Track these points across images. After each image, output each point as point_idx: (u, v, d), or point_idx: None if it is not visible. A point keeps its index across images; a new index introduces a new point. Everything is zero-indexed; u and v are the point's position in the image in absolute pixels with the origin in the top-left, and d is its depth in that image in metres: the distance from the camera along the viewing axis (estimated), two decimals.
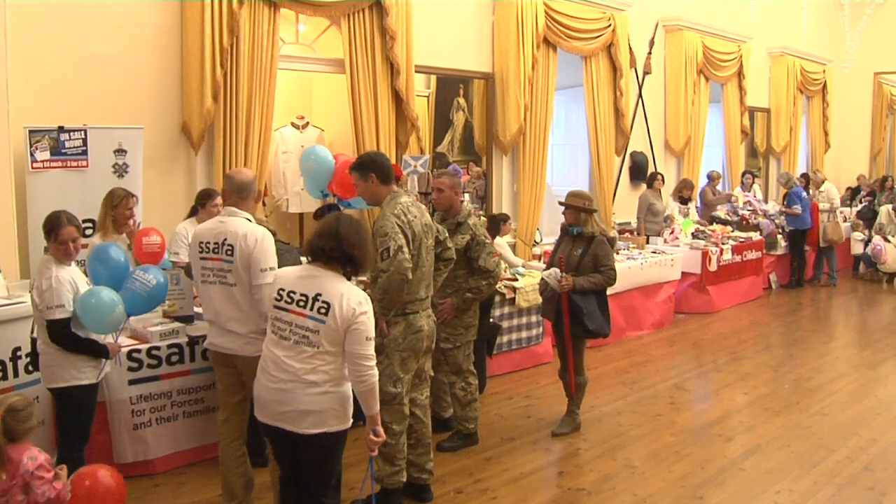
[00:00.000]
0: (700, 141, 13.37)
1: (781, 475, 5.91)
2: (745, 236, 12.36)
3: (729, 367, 8.88)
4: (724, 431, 6.83)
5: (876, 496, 5.62)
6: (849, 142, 18.64)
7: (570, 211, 6.48)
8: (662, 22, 12.58)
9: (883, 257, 13.94)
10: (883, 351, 9.79)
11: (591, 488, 5.63)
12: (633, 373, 8.43)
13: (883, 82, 18.77)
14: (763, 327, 10.80)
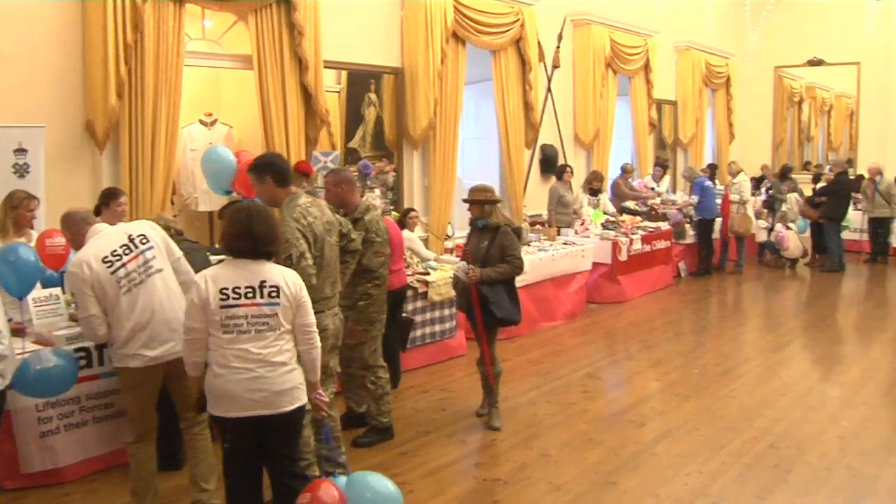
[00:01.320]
0: (609, 133, 13.55)
1: (691, 458, 6.05)
2: (654, 226, 12.60)
3: (640, 354, 9.06)
4: (637, 417, 6.95)
5: (780, 473, 5.81)
6: (752, 133, 19.13)
7: (475, 206, 6.55)
8: (570, 16, 12.72)
9: (786, 244, 14.40)
10: (787, 334, 10.11)
11: (507, 478, 5.69)
12: (546, 363, 8.52)
13: (783, 76, 19.32)
14: (673, 315, 11.04)
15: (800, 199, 14.82)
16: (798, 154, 19.74)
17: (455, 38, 10.06)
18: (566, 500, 5.37)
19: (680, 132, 16.26)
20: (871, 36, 16.72)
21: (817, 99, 19.63)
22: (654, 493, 5.47)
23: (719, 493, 5.47)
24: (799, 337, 10.09)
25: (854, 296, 13.01)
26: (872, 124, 18.10)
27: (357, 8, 9.27)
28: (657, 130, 15.55)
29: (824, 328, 10.54)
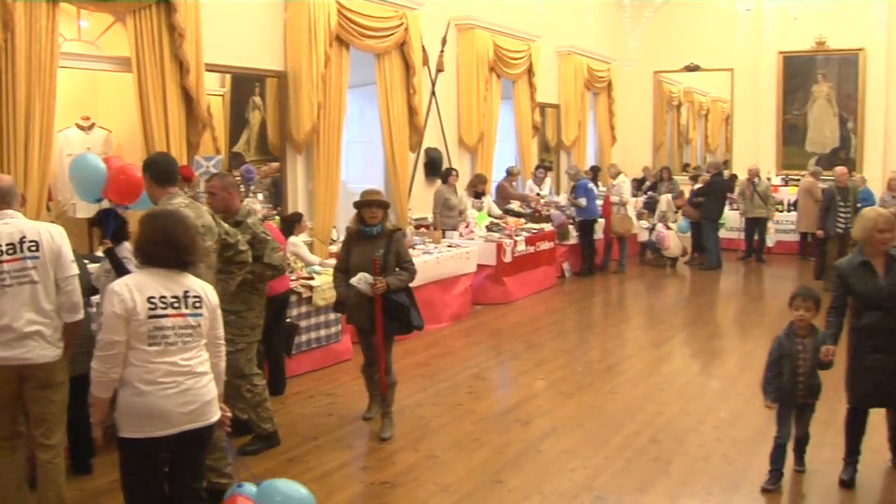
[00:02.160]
0: (493, 136, 13.66)
1: (576, 454, 6.19)
2: (537, 228, 12.79)
3: (526, 354, 9.21)
4: (522, 416, 7.07)
5: (661, 465, 6.00)
6: (633, 135, 19.58)
7: (377, 209, 6.36)
8: (454, 21, 12.80)
9: (666, 243, 14.82)
10: (667, 331, 10.43)
11: (395, 481, 5.71)
12: (432, 365, 8.58)
13: (662, 80, 19.83)
14: (557, 314, 11.25)
15: (671, 200, 15.28)
16: (678, 156, 20.28)
17: (339, 42, 10.01)
18: (453, 501, 5.43)
19: (563, 135, 16.52)
20: (742, 44, 17.40)
21: (695, 103, 20.21)
22: (539, 490, 5.56)
23: (603, 488, 5.61)
24: (679, 333, 10.42)
25: (731, 292, 13.51)
26: (745, 127, 18.75)
27: (239, 10, 9.14)
28: (541, 133, 15.77)
29: (703, 324, 10.90)
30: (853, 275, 5.50)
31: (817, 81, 18.08)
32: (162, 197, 5.06)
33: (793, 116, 18.36)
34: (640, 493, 5.54)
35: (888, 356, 5.40)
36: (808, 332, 5.58)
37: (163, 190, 5.07)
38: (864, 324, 5.48)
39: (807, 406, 5.66)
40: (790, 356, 5.54)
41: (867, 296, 5.44)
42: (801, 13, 15.63)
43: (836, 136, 18.05)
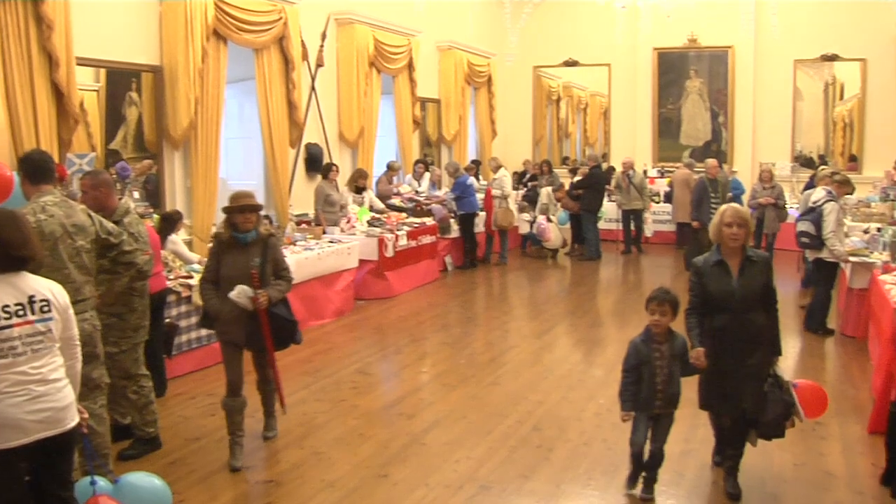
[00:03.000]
0: (373, 131, 13.66)
1: (460, 445, 6.27)
2: (419, 222, 12.84)
3: (409, 348, 9.26)
4: (406, 410, 7.12)
5: (543, 453, 6.14)
6: (514, 129, 19.87)
7: (250, 214, 5.83)
8: (334, 15, 12.75)
9: (547, 235, 15.11)
10: (548, 321, 10.61)
11: (280, 479, 5.69)
12: (315, 362, 8.55)
13: (542, 75, 20.16)
14: (440, 308, 11.33)
15: (551, 193, 15.59)
16: (557, 149, 20.63)
17: (216, 36, 9.86)
18: (339, 496, 5.44)
19: (444, 129, 16.63)
20: (619, 40, 17.88)
21: (574, 97, 20.57)
22: (425, 483, 5.62)
23: (487, 477, 5.70)
24: (560, 322, 10.62)
25: (610, 282, 13.83)
26: (622, 121, 19.31)
27: (112, 2, 8.90)
28: (421, 128, 15.84)
29: (583, 313, 11.14)
30: (708, 274, 5.30)
31: (690, 77, 18.72)
32: (32, 194, 4.97)
33: (667, 110, 18.96)
34: (524, 480, 5.66)
35: (738, 361, 5.23)
36: (666, 338, 5.33)
37: (35, 188, 4.96)
38: (715, 326, 5.26)
39: (664, 416, 5.40)
40: (648, 363, 5.31)
41: (719, 297, 5.23)
42: (673, 11, 16.13)
43: (708, 130, 18.74)
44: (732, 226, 5.18)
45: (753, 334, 5.23)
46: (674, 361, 5.29)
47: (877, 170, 16.20)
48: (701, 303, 5.34)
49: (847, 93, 18.21)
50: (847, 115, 18.24)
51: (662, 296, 5.29)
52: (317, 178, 12.08)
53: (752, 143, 18.33)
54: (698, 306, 5.35)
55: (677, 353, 5.29)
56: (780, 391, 5.30)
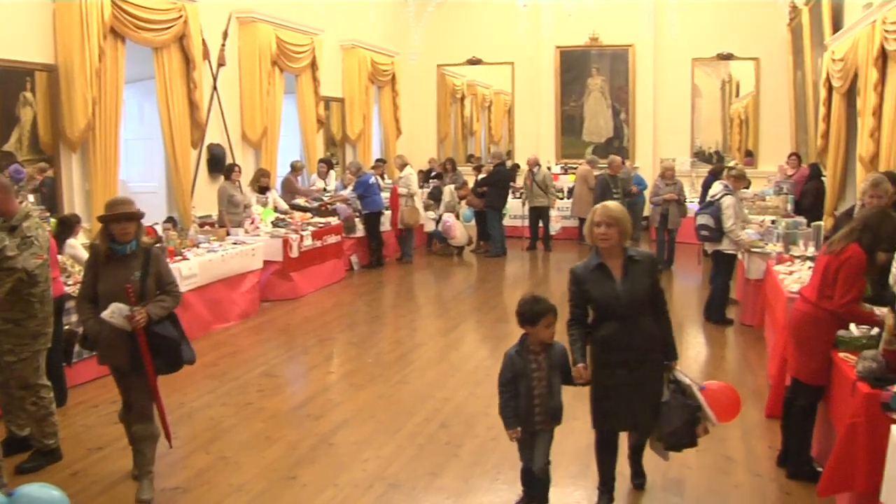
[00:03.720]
0: (276, 131, 13.54)
1: (368, 444, 6.28)
2: (323, 222, 12.78)
3: (316, 348, 9.22)
4: (314, 411, 7.09)
5: (452, 449, 6.19)
6: (418, 128, 19.95)
7: (127, 223, 5.30)
8: (236, 14, 12.61)
9: (453, 233, 15.23)
10: (455, 318, 10.68)
11: (186, 486, 5.61)
12: (221, 365, 8.44)
13: (446, 73, 20.28)
14: (347, 307, 11.31)
15: (454, 191, 15.70)
16: (462, 147, 20.79)
17: (113, 34, 9.66)
18: (247, 500, 5.39)
19: (348, 129, 16.59)
20: (521, 39, 18.13)
21: (478, 95, 20.73)
22: (333, 483, 5.61)
23: (396, 475, 5.72)
24: (467, 319, 10.71)
25: (516, 278, 13.99)
26: (526, 119, 19.57)
27: None
28: (326, 127, 15.77)
29: (489, 309, 11.25)
30: (589, 280, 4.89)
31: (592, 75, 19.09)
32: None
33: (570, 108, 19.32)
34: (433, 477, 5.70)
35: (630, 372, 4.84)
36: (543, 348, 4.93)
37: None
38: (603, 336, 4.87)
39: (544, 433, 5.01)
40: (524, 376, 4.91)
41: (604, 303, 4.85)
42: (574, 10, 16.46)
43: (610, 127, 19.17)
44: (601, 225, 4.82)
45: (644, 341, 4.87)
46: (553, 372, 4.93)
47: (771, 164, 16.75)
48: (583, 313, 4.98)
49: (742, 90, 18.86)
50: (743, 111, 18.86)
51: (547, 308, 4.88)
52: (220, 178, 11.91)
53: (652, 140, 18.81)
54: (580, 317, 4.98)
55: (556, 363, 4.93)
56: (682, 397, 4.96)
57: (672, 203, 13.24)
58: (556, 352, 4.95)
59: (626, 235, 4.88)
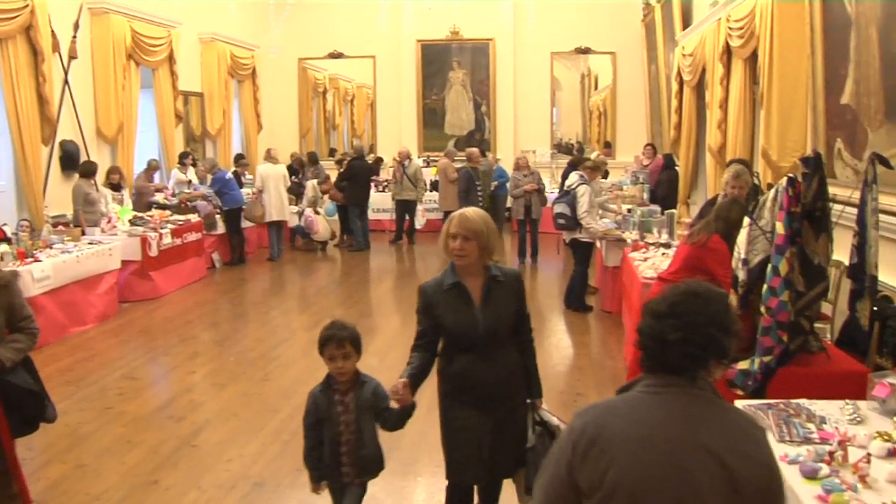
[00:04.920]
0: (133, 126, 13.18)
1: (232, 444, 6.23)
2: (183, 219, 12.52)
3: (177, 348, 9.04)
4: (176, 412, 6.98)
5: None
6: (280, 122, 19.72)
7: None
8: (87, 5, 12.20)
9: (315, 228, 15.14)
10: (319, 313, 10.64)
11: (41, 498, 5.40)
12: (77, 370, 8.18)
13: (307, 67, 20.11)
14: (209, 306, 11.14)
15: (317, 185, 15.62)
16: (325, 141, 20.67)
17: None
18: None
19: (208, 124, 16.30)
20: (383, 32, 18.14)
21: (340, 89, 20.68)
22: (197, 485, 5.55)
23: (261, 474, 5.70)
24: (331, 314, 10.60)
25: (380, 272, 14.04)
26: (388, 112, 19.60)
27: None
28: (185, 122, 15.44)
29: (353, 303, 11.27)
30: (441, 302, 4.06)
31: (453, 68, 19.28)
32: None
33: (432, 101, 19.46)
34: (299, 473, 5.59)
35: (484, 414, 4.05)
36: (351, 385, 4.14)
37: None
38: (456, 370, 4.09)
39: (353, 487, 4.24)
40: (329, 419, 4.12)
41: (459, 332, 4.03)
42: (435, 4, 16.60)
43: (472, 119, 19.40)
44: (457, 238, 4.00)
45: (505, 378, 4.09)
46: (363, 415, 4.11)
47: (628, 155, 17.33)
48: (430, 341, 4.15)
49: (601, 83, 19.44)
50: (601, 104, 19.45)
51: (339, 333, 4.12)
52: (74, 176, 11.51)
53: (513, 132, 19.16)
54: (426, 346, 4.16)
55: (366, 405, 4.10)
56: (550, 440, 4.05)
57: (533, 193, 13.51)
58: (367, 391, 4.13)
59: (488, 251, 4.04)
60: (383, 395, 4.14)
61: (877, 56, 6.46)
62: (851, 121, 7.08)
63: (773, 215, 4.73)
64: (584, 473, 2.27)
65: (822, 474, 3.28)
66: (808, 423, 3.85)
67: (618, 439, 2.25)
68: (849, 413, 3.97)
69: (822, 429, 3.78)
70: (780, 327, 4.61)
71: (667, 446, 2.22)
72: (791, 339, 4.69)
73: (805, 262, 4.74)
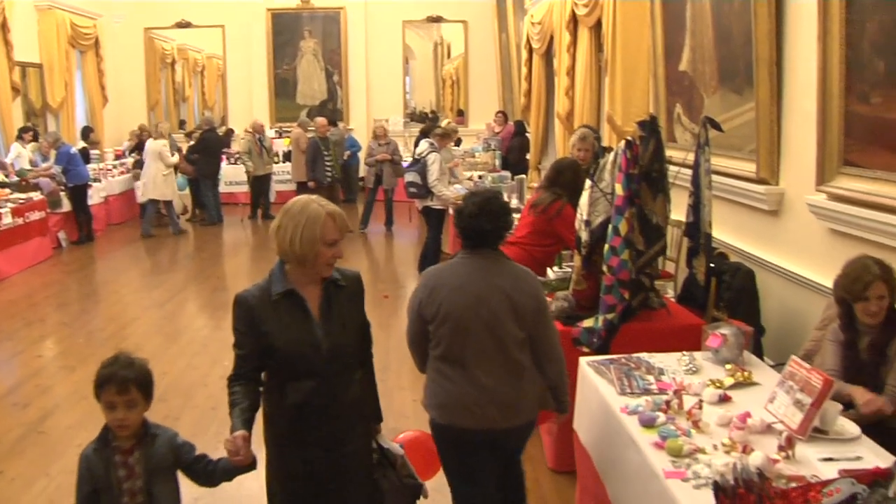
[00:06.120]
0: None
1: (82, 428, 6.01)
2: (25, 197, 11.97)
3: (22, 332, 8.69)
4: (20, 399, 6.73)
5: (170, 422, 5.88)
6: (127, 95, 19.03)
7: None
8: None
9: None
10: (171, 289, 10.47)
11: None
12: None
13: (154, 37, 19.45)
14: (56, 287, 10.73)
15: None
16: (175, 114, 20.15)
17: None
18: None
19: (48, 97, 15.60)
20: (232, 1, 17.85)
21: (190, 60, 20.13)
22: (45, 473, 5.40)
23: None
24: (183, 290, 10.52)
25: (234, 246, 13.87)
26: (239, 83, 19.18)
27: None
28: (23, 95, 14.73)
29: (205, 278, 11.14)
30: (270, 316, 3.25)
31: (304, 37, 19.05)
32: None
33: (283, 71, 19.20)
34: None
35: (329, 454, 3.37)
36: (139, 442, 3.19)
37: None
38: (293, 404, 3.30)
39: None
40: (109, 489, 3.13)
41: (296, 353, 3.25)
42: None
43: (324, 89, 19.26)
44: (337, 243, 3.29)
45: (352, 405, 3.43)
46: (157, 479, 3.17)
47: (480, 123, 17.51)
48: (254, 367, 3.34)
49: (454, 52, 19.57)
50: (454, 72, 19.62)
51: (123, 373, 3.13)
52: None
53: (366, 101, 19.09)
54: (248, 373, 3.33)
55: (161, 465, 3.18)
56: (395, 473, 3.67)
57: (386, 163, 13.52)
58: (160, 446, 3.19)
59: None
60: (186, 447, 3.26)
61: (710, 26, 6.73)
62: (689, 87, 7.36)
63: (612, 177, 4.87)
64: (428, 309, 3.67)
65: (659, 422, 3.43)
66: (648, 375, 4.02)
67: (445, 286, 3.66)
68: (685, 364, 4.16)
69: (661, 380, 3.96)
70: (622, 285, 4.77)
71: (474, 288, 3.62)
72: (633, 297, 4.88)
73: (644, 222, 4.91)
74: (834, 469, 2.92)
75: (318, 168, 13.39)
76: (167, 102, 20.07)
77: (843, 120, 4.81)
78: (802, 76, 5.38)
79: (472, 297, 3.58)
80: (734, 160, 6.35)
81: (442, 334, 3.62)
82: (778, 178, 5.89)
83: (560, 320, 4.96)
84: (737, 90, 6.30)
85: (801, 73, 5.43)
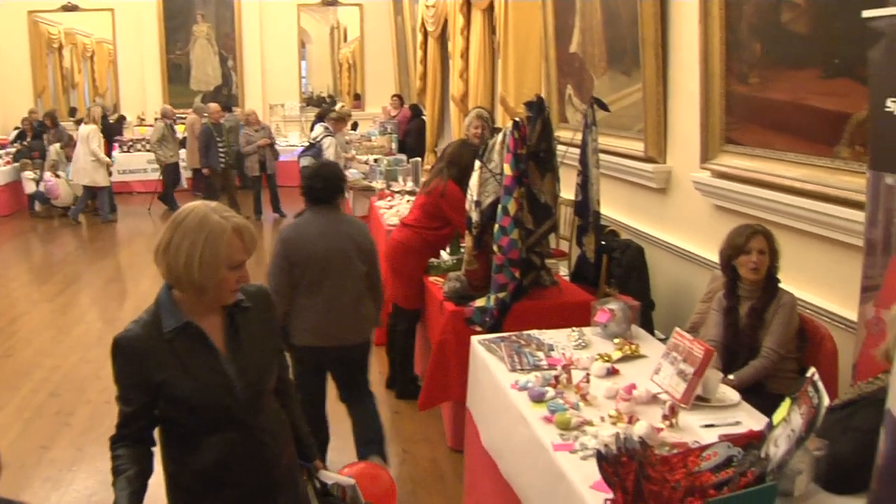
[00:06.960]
0: None
1: None
2: None
3: None
4: None
5: (62, 418, 5.97)
6: (11, 81, 18.40)
7: None
8: None
9: (56, 193, 14.36)
10: (61, 282, 10.15)
11: None
12: None
13: (39, 21, 18.81)
14: None
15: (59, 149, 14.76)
16: (64, 101, 19.51)
17: None
18: None
19: None
20: None
21: (78, 45, 19.53)
22: None
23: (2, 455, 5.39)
24: (75, 282, 10.22)
25: (128, 236, 13.46)
26: (131, 69, 18.74)
27: None
28: None
29: (99, 270, 10.87)
30: (164, 359, 2.55)
31: (197, 21, 18.73)
32: None
33: (176, 56, 18.85)
34: (44, 450, 5.46)
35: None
36: None
37: None
38: (206, 465, 2.61)
39: None
40: None
41: (205, 401, 2.56)
42: None
43: (218, 74, 19.00)
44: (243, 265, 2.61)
45: (277, 457, 2.74)
46: None
47: (377, 106, 17.46)
48: (146, 427, 2.66)
49: (350, 36, 19.46)
50: (351, 56, 19.55)
51: None
52: None
53: (262, 86, 18.86)
54: (135, 432, 2.64)
55: None
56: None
57: (267, 148, 13.44)
58: None
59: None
60: None
61: (598, 8, 6.85)
62: (579, 68, 7.48)
63: (501, 158, 4.91)
64: (291, 258, 4.42)
65: (549, 397, 3.47)
66: (538, 351, 4.06)
67: (301, 237, 4.47)
68: (575, 339, 4.22)
69: (551, 356, 4.00)
70: (513, 264, 4.82)
71: (330, 233, 4.46)
72: (524, 275, 4.93)
73: (533, 201, 4.97)
74: (714, 434, 3.01)
75: (212, 155, 13.19)
76: (55, 89, 19.44)
77: (724, 100, 4.97)
78: (686, 58, 5.51)
79: (330, 239, 4.44)
80: (623, 140, 6.50)
81: (306, 272, 4.41)
82: (665, 156, 6.05)
83: (453, 300, 5.01)
84: (625, 71, 6.43)
85: (685, 55, 5.57)
